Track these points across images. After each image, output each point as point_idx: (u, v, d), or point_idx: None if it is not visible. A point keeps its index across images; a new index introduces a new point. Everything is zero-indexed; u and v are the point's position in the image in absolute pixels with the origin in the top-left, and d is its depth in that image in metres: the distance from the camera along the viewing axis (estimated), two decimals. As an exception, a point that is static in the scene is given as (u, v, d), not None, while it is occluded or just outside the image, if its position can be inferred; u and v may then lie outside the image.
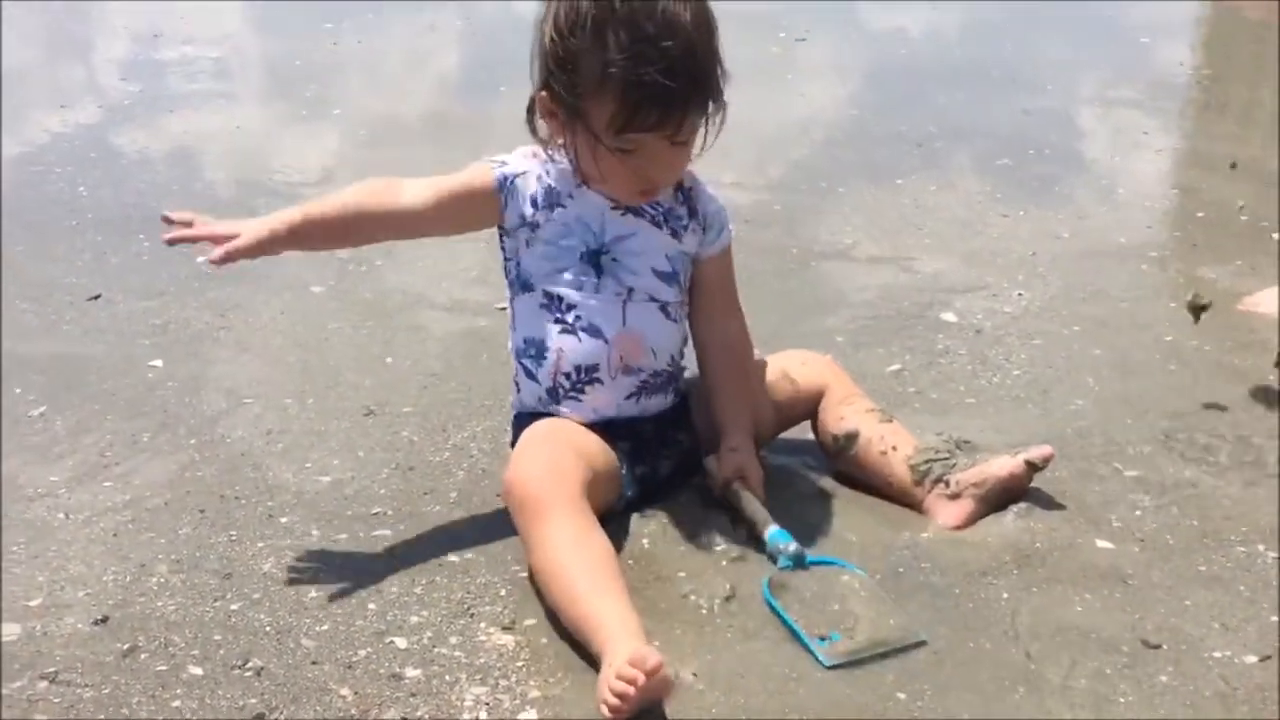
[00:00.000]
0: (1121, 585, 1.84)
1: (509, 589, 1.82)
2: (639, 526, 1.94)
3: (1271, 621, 1.77)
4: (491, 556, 1.89)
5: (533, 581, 1.78)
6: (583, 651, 1.65)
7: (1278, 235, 3.25)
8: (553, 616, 1.72)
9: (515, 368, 2.02)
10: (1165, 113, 4.51)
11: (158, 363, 2.51)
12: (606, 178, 1.90)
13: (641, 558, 1.88)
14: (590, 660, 1.62)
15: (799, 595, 1.78)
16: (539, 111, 1.92)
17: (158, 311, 2.74)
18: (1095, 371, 2.52)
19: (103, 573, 1.84)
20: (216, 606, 1.77)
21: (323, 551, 1.91)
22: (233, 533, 1.95)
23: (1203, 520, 2.00)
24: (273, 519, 1.99)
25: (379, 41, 5.37)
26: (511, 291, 2.01)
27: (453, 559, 1.89)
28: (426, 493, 2.07)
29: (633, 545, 1.90)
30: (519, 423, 2.01)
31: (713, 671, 1.64)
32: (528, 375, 1.99)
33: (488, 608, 1.78)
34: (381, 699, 1.60)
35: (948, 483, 1.98)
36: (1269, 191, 3.54)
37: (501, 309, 2.15)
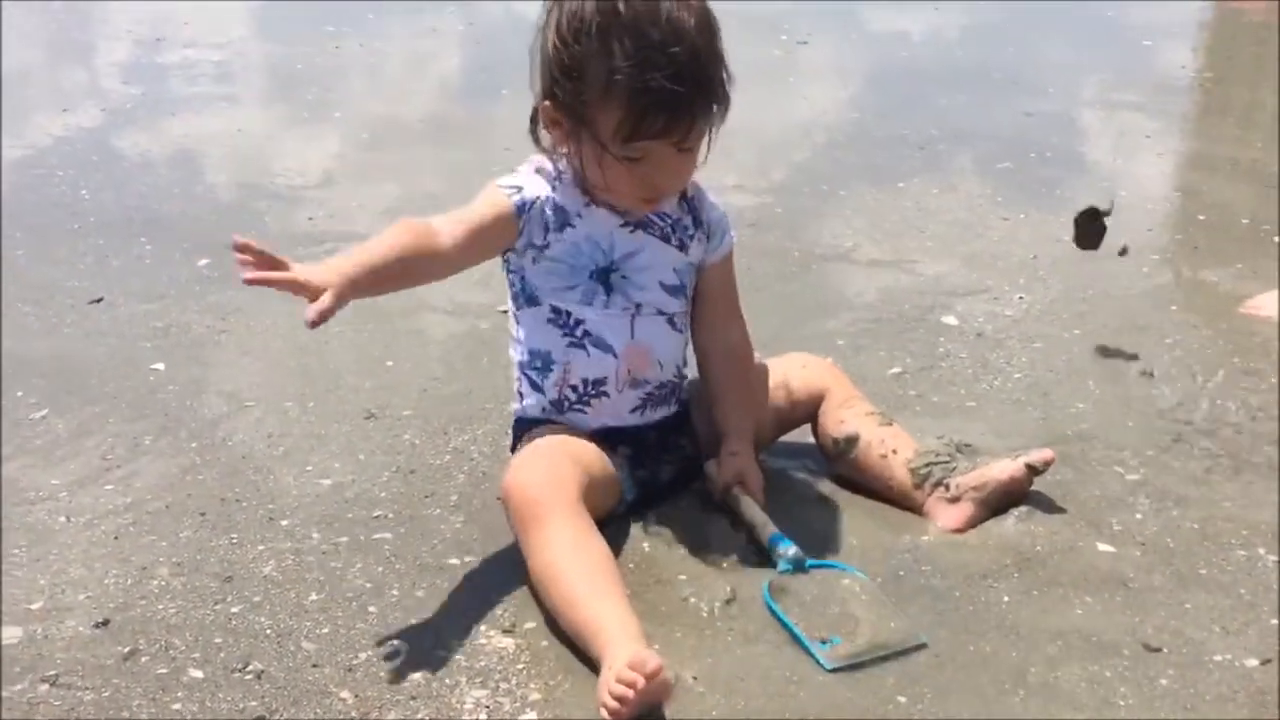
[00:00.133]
0: (1122, 588, 1.84)
1: (509, 592, 1.81)
2: (639, 530, 1.94)
3: (1272, 625, 1.76)
4: (492, 559, 1.89)
5: (531, 587, 1.78)
6: (583, 655, 1.65)
7: (1279, 239, 3.25)
8: (553, 620, 1.72)
9: (519, 378, 2.01)
10: (1167, 115, 4.51)
11: (159, 366, 2.52)
12: (612, 186, 1.87)
13: (642, 561, 1.88)
14: (590, 664, 1.62)
15: (799, 598, 1.78)
16: (542, 121, 1.89)
17: (159, 314, 2.75)
18: (1096, 375, 2.52)
19: (104, 576, 1.85)
20: (217, 609, 1.77)
21: (323, 554, 1.91)
22: (234, 536, 1.95)
23: (1203, 524, 2.00)
24: (274, 522, 1.99)
25: (380, 44, 5.37)
26: (516, 304, 1.98)
27: (453, 562, 1.89)
28: (427, 496, 2.07)
29: (633, 549, 1.90)
30: (520, 427, 2.01)
31: (713, 674, 1.64)
32: (533, 386, 1.98)
33: (488, 610, 1.77)
34: (382, 702, 1.60)
35: (948, 486, 1.98)
36: (1270, 194, 3.54)
37: (503, 311, 2.15)
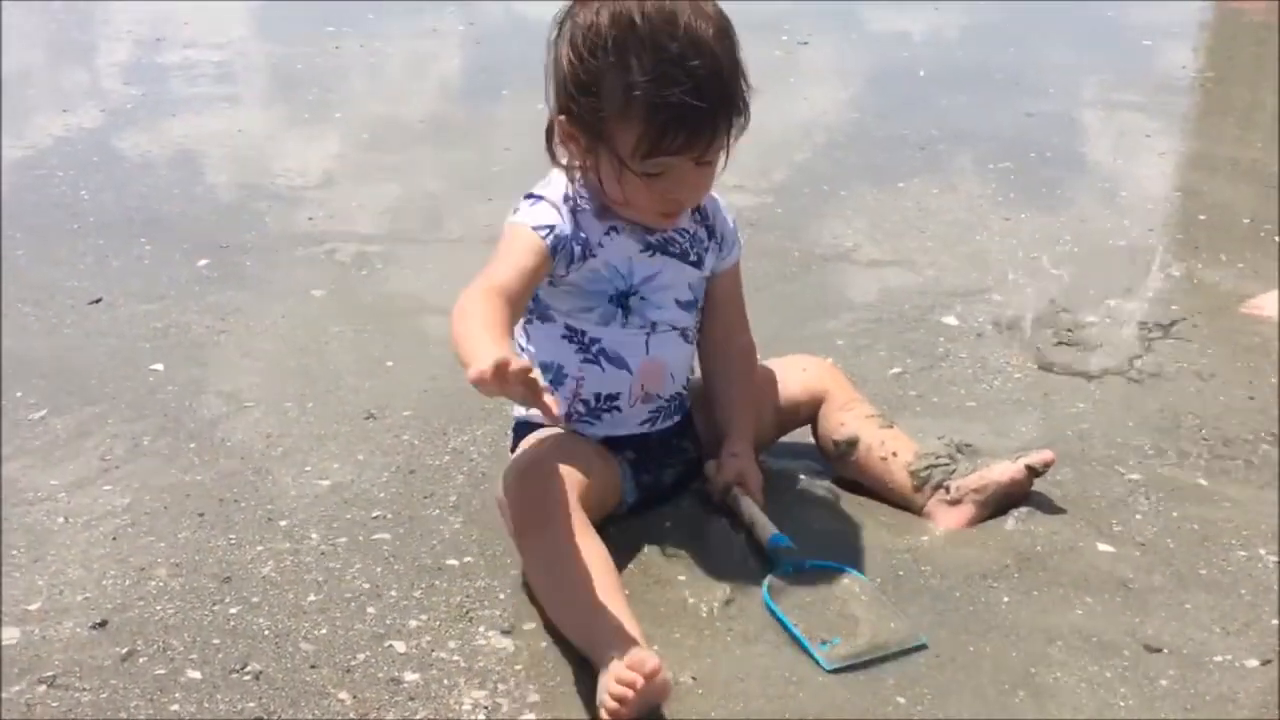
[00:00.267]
0: (1122, 589, 1.84)
1: (508, 593, 1.81)
2: (639, 531, 1.94)
3: (1272, 625, 1.76)
4: (491, 560, 1.89)
5: (530, 591, 1.78)
6: (582, 656, 1.65)
7: (1279, 238, 3.25)
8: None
9: None
10: (1168, 115, 4.50)
11: (158, 366, 2.51)
12: (631, 201, 1.83)
13: (641, 562, 1.88)
14: (589, 664, 1.62)
15: (799, 599, 1.78)
16: (558, 137, 1.84)
17: (159, 315, 2.74)
18: (1096, 375, 2.51)
19: (102, 576, 1.84)
20: (215, 610, 1.77)
21: (322, 555, 1.91)
22: (232, 536, 1.95)
23: (1203, 524, 1.99)
24: (272, 523, 1.99)
25: (380, 44, 5.37)
26: (525, 317, 1.93)
27: (452, 563, 1.89)
28: (426, 496, 2.07)
29: (632, 550, 1.90)
30: (521, 430, 2.00)
31: (712, 675, 1.64)
32: None
33: (487, 611, 1.77)
34: (380, 703, 1.60)
35: (948, 489, 1.97)
36: (1270, 194, 3.54)
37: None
